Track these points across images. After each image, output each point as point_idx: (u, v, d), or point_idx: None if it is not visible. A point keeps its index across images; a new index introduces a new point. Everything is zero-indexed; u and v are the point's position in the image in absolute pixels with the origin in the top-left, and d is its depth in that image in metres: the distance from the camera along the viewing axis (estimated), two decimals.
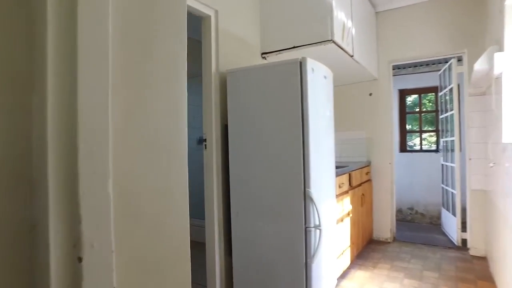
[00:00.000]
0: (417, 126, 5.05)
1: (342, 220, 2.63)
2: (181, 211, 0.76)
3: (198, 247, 2.17)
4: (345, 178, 2.77)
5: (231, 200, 2.07)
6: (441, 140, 3.90)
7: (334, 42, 2.30)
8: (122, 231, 0.60)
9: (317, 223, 1.84)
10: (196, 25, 2.26)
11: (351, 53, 2.66)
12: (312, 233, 1.81)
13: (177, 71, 0.76)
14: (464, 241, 3.21)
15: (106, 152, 0.55)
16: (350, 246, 2.80)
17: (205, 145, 2.15)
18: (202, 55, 2.16)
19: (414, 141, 5.45)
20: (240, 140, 2.03)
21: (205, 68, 2.14)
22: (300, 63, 1.83)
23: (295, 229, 1.83)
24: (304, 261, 1.82)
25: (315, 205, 1.82)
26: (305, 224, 1.81)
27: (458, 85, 3.33)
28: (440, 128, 3.99)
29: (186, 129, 0.77)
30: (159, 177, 0.69)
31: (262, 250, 1.95)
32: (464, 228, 3.23)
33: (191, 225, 0.77)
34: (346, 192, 2.79)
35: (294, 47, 2.44)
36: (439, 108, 4.00)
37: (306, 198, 1.82)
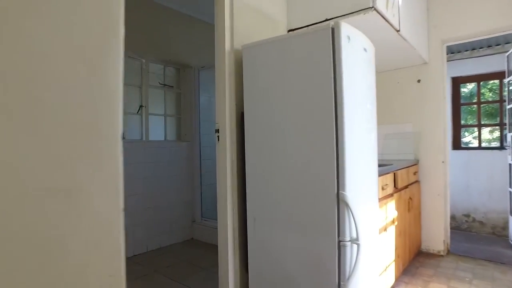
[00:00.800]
0: (473, 120, 4.36)
1: (385, 229, 2.17)
2: (105, 227, 0.42)
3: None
4: (389, 178, 2.30)
5: (247, 203, 1.72)
6: (508, 135, 3.24)
7: (376, 10, 1.86)
8: None
9: (354, 235, 1.43)
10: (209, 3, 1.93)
11: (397, 27, 2.18)
12: (348, 248, 1.40)
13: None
14: None
15: None
16: (394, 260, 2.33)
17: (218, 136, 1.82)
18: (215, 31, 1.83)
19: (467, 138, 4.75)
20: (259, 131, 1.67)
21: (217, 46, 1.81)
22: (332, 29, 1.42)
23: (326, 243, 1.43)
24: (337, 283, 1.42)
25: (352, 212, 1.41)
26: (338, 236, 1.41)
27: None
28: (507, 121, 3.32)
29: (120, 103, 0.44)
30: (49, 172, 0.36)
31: (284, 267, 1.57)
32: None
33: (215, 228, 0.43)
34: (391, 195, 2.32)
35: (326, 20, 2.03)
36: (506, 97, 3.34)
37: (340, 203, 1.41)
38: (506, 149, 3.44)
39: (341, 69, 1.41)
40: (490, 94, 4.23)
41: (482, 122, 4.16)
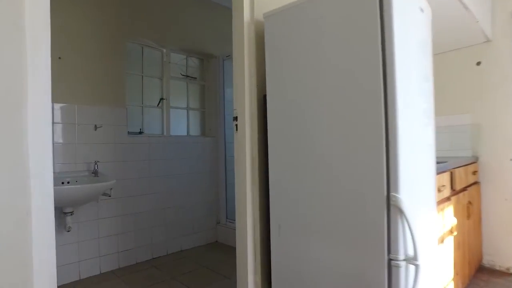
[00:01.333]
0: None
1: (442, 241, 1.77)
2: None
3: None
4: (445, 178, 1.88)
5: (270, 207, 1.41)
6: None
7: None
8: None
9: (410, 253, 1.07)
10: None
11: None
12: (402, 270, 1.05)
13: None
14: None
15: None
16: (453, 278, 1.90)
17: (236, 125, 1.53)
18: None
19: None
20: (285, 118, 1.35)
21: (235, 16, 1.53)
22: None
23: (371, 261, 1.09)
24: None
25: (408, 221, 1.05)
26: (388, 253, 1.06)
27: None
28: None
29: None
30: None
31: (315, 286, 1.24)
32: None
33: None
34: (448, 198, 1.90)
35: None
36: None
37: (390, 208, 1.06)
38: None
39: (392, 33, 1.06)
40: None
41: None
